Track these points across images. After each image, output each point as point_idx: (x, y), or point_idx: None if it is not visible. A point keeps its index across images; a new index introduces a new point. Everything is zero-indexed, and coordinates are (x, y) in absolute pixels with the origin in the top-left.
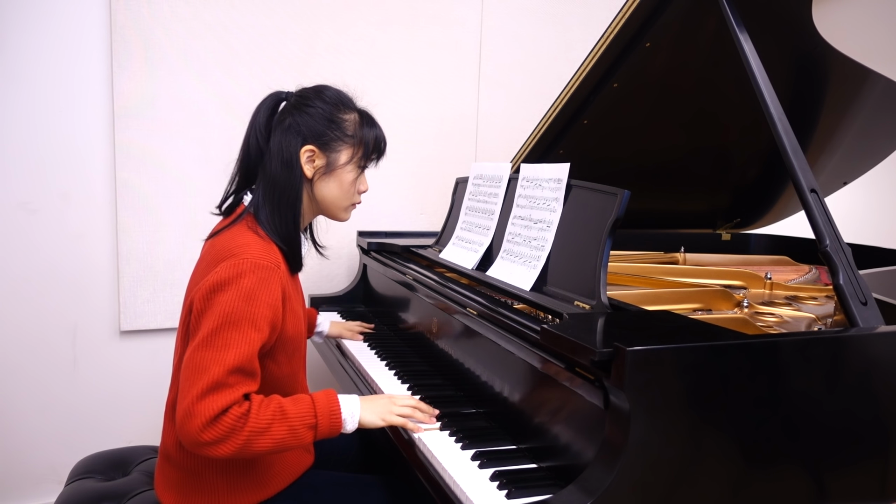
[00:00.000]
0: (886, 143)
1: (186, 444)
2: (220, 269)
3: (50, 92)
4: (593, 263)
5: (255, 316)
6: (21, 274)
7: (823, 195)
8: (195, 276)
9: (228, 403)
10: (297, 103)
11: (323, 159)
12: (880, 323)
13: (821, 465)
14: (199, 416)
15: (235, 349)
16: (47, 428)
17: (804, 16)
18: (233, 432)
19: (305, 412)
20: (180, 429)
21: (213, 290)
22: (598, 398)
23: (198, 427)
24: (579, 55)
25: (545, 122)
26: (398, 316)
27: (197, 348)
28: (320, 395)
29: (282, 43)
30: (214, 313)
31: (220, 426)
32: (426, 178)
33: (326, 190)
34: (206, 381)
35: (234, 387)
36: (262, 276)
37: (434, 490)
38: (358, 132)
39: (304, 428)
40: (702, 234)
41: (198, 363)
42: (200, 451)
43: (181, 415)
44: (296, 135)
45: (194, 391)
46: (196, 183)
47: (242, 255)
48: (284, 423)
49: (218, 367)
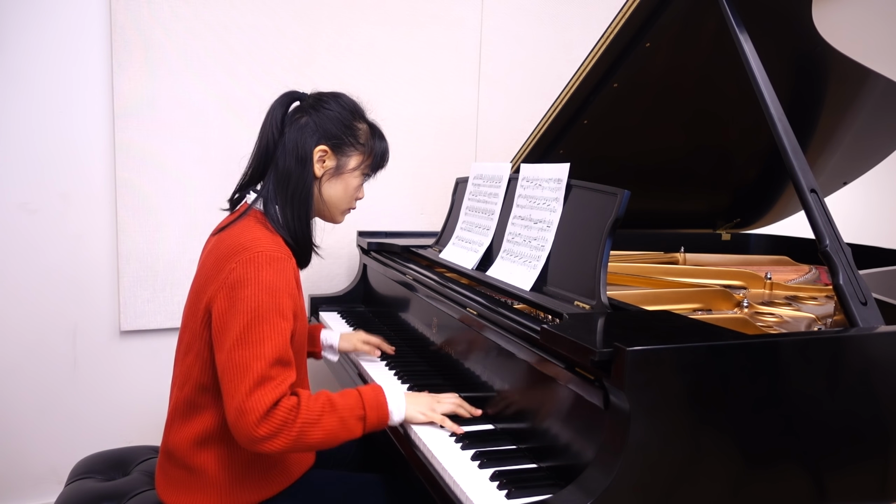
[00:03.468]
0: (886, 143)
1: (242, 441)
2: (237, 266)
3: (50, 92)
4: (593, 263)
5: (281, 306)
6: (21, 274)
7: (823, 195)
8: (204, 271)
9: (278, 397)
10: (315, 104)
11: (334, 161)
12: (880, 323)
13: (821, 464)
14: (253, 413)
15: (271, 342)
16: (47, 428)
17: (804, 16)
18: (285, 425)
19: (354, 404)
20: (235, 427)
21: (233, 288)
22: (598, 398)
23: (253, 423)
24: (579, 55)
25: (545, 122)
26: (398, 316)
27: (234, 348)
28: (367, 389)
29: (282, 43)
30: (241, 310)
31: (274, 420)
32: (426, 178)
33: (332, 191)
34: (252, 378)
35: (277, 378)
36: (279, 268)
37: (434, 490)
38: (369, 142)
39: (353, 419)
40: (702, 234)
41: (238, 362)
42: (256, 447)
43: (233, 414)
44: (312, 133)
45: (242, 389)
46: (196, 183)
47: (255, 248)
48: (335, 414)
49: (259, 362)
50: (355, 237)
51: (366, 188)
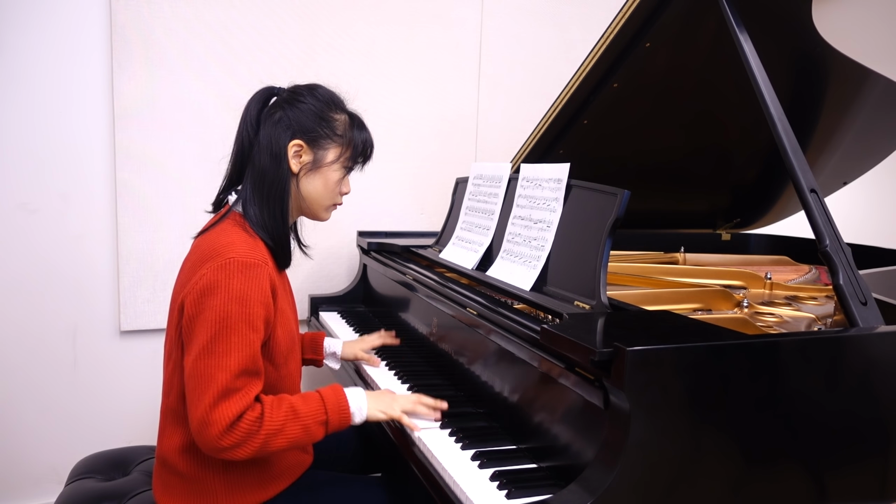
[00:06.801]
0: (886, 143)
1: (206, 450)
2: (207, 271)
3: (50, 92)
4: (593, 263)
5: (251, 316)
6: (21, 274)
7: (823, 195)
8: (183, 274)
9: (242, 409)
10: (290, 98)
11: (310, 155)
12: (880, 323)
13: (820, 464)
14: (216, 425)
15: (237, 353)
16: (47, 428)
17: (804, 16)
18: (249, 436)
19: (316, 410)
20: (198, 437)
21: (202, 294)
22: (598, 398)
23: (216, 435)
24: (579, 55)
25: (545, 122)
26: (398, 316)
27: (199, 357)
28: (328, 391)
29: (282, 43)
30: (208, 319)
31: (238, 431)
32: (426, 178)
33: (311, 187)
34: (216, 390)
35: (242, 390)
36: (251, 275)
37: (434, 490)
38: (347, 133)
39: (315, 425)
40: (702, 234)
41: (202, 372)
42: (220, 455)
43: (196, 424)
44: (285, 128)
45: (206, 400)
46: (196, 183)
47: (227, 254)
48: (297, 422)
49: (224, 373)
50: (355, 237)
51: (366, 188)
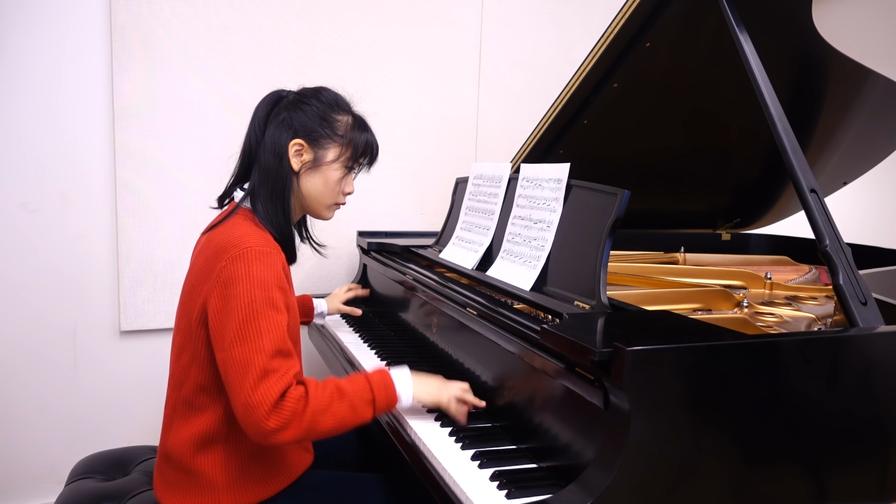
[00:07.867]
0: (886, 143)
1: (253, 436)
2: (227, 263)
3: (50, 92)
4: (593, 263)
5: (273, 299)
6: (21, 274)
7: (823, 195)
8: (195, 271)
9: (284, 388)
10: (295, 101)
11: (310, 154)
12: (880, 323)
13: (820, 464)
14: (261, 406)
15: (269, 335)
16: (47, 428)
17: (804, 16)
18: (295, 415)
19: (361, 387)
20: (244, 422)
21: (226, 286)
22: (598, 398)
23: (262, 416)
24: (579, 55)
25: (545, 122)
26: (398, 316)
27: (233, 345)
28: (374, 373)
29: (282, 43)
30: (235, 307)
31: (283, 411)
32: (426, 178)
33: (311, 185)
34: (255, 372)
35: (280, 370)
36: (267, 262)
37: (433, 489)
38: (349, 133)
39: (362, 403)
40: (702, 234)
41: (239, 359)
42: (268, 439)
43: (241, 410)
44: (287, 128)
45: (247, 384)
46: (196, 183)
47: (243, 244)
48: (344, 400)
49: (259, 355)
50: (355, 237)
51: (366, 188)
